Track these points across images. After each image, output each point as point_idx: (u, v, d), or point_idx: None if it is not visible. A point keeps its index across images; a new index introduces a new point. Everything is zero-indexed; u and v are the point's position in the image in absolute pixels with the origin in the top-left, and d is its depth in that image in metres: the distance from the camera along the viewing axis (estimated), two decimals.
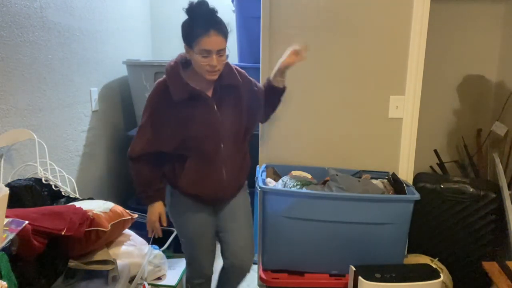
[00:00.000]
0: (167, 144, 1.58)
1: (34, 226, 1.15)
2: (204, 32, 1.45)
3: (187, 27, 1.51)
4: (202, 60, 1.48)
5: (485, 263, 1.89)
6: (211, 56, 1.47)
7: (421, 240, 2.20)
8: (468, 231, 2.15)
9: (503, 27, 2.50)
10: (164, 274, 1.90)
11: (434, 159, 2.58)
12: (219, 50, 1.48)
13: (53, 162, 1.71)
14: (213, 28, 1.45)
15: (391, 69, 2.03)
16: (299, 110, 2.06)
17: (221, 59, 1.50)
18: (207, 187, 1.65)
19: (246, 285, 2.47)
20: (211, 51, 1.46)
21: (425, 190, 2.15)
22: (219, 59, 1.49)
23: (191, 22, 1.50)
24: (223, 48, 1.49)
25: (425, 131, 2.30)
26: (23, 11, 1.64)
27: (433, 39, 2.21)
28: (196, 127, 1.57)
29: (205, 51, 1.46)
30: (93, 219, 1.35)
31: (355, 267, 1.74)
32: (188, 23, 1.51)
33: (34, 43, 1.72)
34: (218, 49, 1.47)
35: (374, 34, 2.01)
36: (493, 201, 2.10)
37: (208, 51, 1.46)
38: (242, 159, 1.74)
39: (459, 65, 2.56)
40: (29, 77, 1.70)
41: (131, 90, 2.47)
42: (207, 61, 1.48)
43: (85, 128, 2.17)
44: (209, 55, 1.47)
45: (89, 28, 2.16)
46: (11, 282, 1.02)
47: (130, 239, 1.66)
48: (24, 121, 1.68)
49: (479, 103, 2.61)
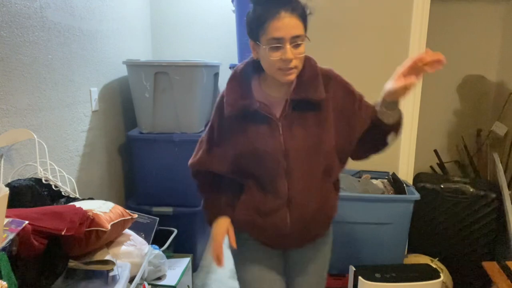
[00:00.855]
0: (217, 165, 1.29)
1: (34, 226, 1.15)
2: (272, 15, 1.08)
3: (251, 16, 1.16)
4: (271, 54, 1.11)
5: (485, 263, 1.90)
6: (284, 46, 1.09)
7: (421, 240, 2.20)
8: (468, 231, 2.16)
9: (503, 27, 2.50)
10: (164, 274, 1.90)
11: (434, 159, 2.58)
12: (294, 38, 1.09)
13: (53, 162, 1.71)
14: (284, 8, 1.08)
15: (391, 69, 2.03)
16: None
17: (297, 51, 1.11)
18: (264, 230, 1.27)
19: None
20: (282, 39, 1.09)
21: (425, 190, 2.15)
22: (294, 50, 1.10)
23: (255, 7, 1.14)
24: (299, 34, 1.10)
25: (425, 131, 2.31)
26: (23, 11, 1.64)
27: (433, 39, 2.21)
28: (249, 152, 1.21)
29: (275, 40, 1.09)
30: (93, 219, 1.35)
31: (355, 267, 1.74)
32: (252, 11, 1.16)
33: (34, 43, 1.72)
34: (293, 35, 1.09)
35: (374, 34, 2.01)
36: (493, 201, 2.11)
37: (279, 39, 1.09)
38: (324, 201, 1.26)
39: (459, 65, 2.57)
40: (29, 77, 1.70)
41: (131, 90, 2.47)
42: (278, 55, 1.10)
43: (85, 128, 2.17)
44: (280, 46, 1.09)
45: (89, 28, 2.16)
46: (11, 282, 1.02)
47: (130, 239, 1.66)
48: (24, 121, 1.68)
49: (479, 103, 2.62)
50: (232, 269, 2.58)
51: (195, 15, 3.08)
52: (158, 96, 2.39)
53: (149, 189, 2.46)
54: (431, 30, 2.03)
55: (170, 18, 3.10)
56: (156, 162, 2.43)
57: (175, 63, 2.36)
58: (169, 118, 2.42)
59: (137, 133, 2.49)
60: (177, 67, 2.33)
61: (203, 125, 2.59)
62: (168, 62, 2.36)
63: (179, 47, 3.13)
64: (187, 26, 3.10)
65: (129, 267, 1.46)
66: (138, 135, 2.47)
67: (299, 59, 1.13)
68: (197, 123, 2.49)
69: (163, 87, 2.37)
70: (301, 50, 1.12)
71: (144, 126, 2.47)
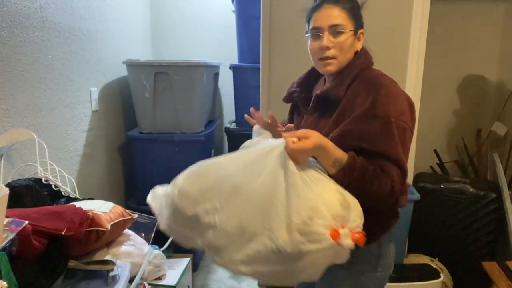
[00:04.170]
0: None
1: (34, 226, 1.15)
2: (316, 8, 1.12)
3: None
4: (311, 43, 1.12)
5: (485, 263, 1.90)
6: (322, 35, 1.09)
7: (421, 240, 2.20)
8: (468, 231, 2.15)
9: (503, 27, 2.50)
10: (164, 274, 1.90)
11: (434, 159, 2.58)
12: (332, 26, 1.08)
13: (53, 162, 1.70)
14: (327, 1, 1.11)
15: (391, 69, 2.02)
16: None
17: (336, 40, 1.09)
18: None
19: (246, 285, 2.48)
20: (320, 28, 1.09)
21: (425, 190, 2.15)
22: (332, 39, 1.09)
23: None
24: (338, 23, 1.08)
25: (425, 131, 2.31)
26: (23, 11, 1.64)
27: (433, 39, 2.21)
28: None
29: (314, 29, 1.11)
30: (93, 219, 1.35)
31: None
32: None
33: (34, 43, 1.72)
34: (330, 24, 1.08)
35: (374, 34, 2.01)
36: (493, 201, 2.11)
37: (318, 28, 1.10)
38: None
39: (459, 65, 2.57)
40: (29, 77, 1.70)
41: (131, 90, 2.47)
42: (317, 44, 1.10)
43: (85, 128, 2.17)
44: (319, 35, 1.10)
45: (89, 28, 2.16)
46: (11, 282, 1.02)
47: (130, 239, 1.66)
48: (24, 121, 1.68)
49: (479, 103, 2.61)
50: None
51: (195, 15, 3.08)
52: (158, 96, 2.39)
53: (149, 189, 2.42)
54: (431, 30, 2.03)
55: (170, 18, 3.10)
56: (156, 162, 2.43)
57: (175, 63, 2.36)
58: (169, 118, 2.42)
59: (137, 133, 2.49)
60: (177, 67, 2.33)
61: (203, 125, 2.59)
62: (168, 62, 2.36)
63: (179, 47, 3.13)
64: (187, 26, 3.10)
65: (129, 267, 1.46)
66: (138, 135, 2.47)
67: (338, 49, 1.10)
68: (197, 123, 2.49)
69: (163, 87, 2.37)
70: (340, 39, 1.09)
71: (144, 126, 2.47)
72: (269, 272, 0.94)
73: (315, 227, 0.89)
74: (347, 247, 0.90)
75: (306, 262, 0.90)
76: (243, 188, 0.95)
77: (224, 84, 3.08)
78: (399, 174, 0.99)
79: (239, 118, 2.80)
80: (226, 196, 0.96)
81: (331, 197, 0.94)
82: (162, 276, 1.89)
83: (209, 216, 0.95)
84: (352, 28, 1.12)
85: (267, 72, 2.09)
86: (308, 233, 0.89)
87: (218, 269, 2.64)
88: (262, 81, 2.12)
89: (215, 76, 2.82)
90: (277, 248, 0.90)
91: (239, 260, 0.94)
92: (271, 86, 2.11)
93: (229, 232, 0.94)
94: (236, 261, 0.94)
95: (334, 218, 0.91)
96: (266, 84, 2.11)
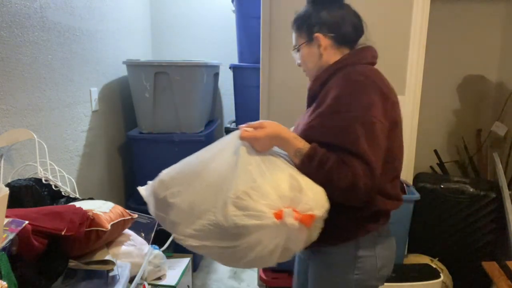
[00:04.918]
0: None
1: (34, 226, 1.15)
2: None
3: None
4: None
5: (485, 263, 1.90)
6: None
7: (421, 240, 2.20)
8: (468, 231, 2.15)
9: (503, 27, 2.50)
10: (164, 274, 1.90)
11: (434, 159, 2.58)
12: (293, 48, 1.29)
13: (53, 162, 1.70)
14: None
15: (391, 69, 2.03)
16: (298, 111, 2.06)
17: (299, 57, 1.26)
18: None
19: (246, 285, 2.48)
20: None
21: (425, 190, 2.15)
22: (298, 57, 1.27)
23: None
24: (293, 44, 1.28)
25: (425, 131, 2.31)
26: (23, 11, 1.64)
27: (433, 39, 2.21)
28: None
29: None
30: (93, 219, 1.35)
31: None
32: None
33: (34, 43, 1.72)
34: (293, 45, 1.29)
35: (374, 34, 2.01)
36: (493, 201, 2.11)
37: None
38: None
39: (459, 65, 2.57)
40: (29, 77, 1.70)
41: (131, 90, 2.47)
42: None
43: (85, 128, 2.17)
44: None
45: (89, 28, 2.16)
46: (11, 282, 1.02)
47: (130, 239, 1.66)
48: (24, 121, 1.68)
49: (479, 103, 2.61)
50: (232, 269, 2.58)
51: (195, 15, 3.08)
52: (158, 96, 2.39)
53: None
54: (431, 30, 2.03)
55: (170, 18, 3.10)
56: (156, 162, 2.42)
57: (175, 63, 2.36)
58: (169, 118, 2.42)
59: (137, 133, 2.49)
60: (177, 67, 2.33)
61: (203, 125, 2.59)
62: (168, 62, 2.36)
63: (179, 47, 3.13)
64: (187, 26, 3.10)
65: (129, 267, 1.46)
66: (138, 135, 2.47)
67: (303, 63, 1.25)
68: (197, 123, 2.49)
69: (163, 87, 2.37)
70: (300, 55, 1.25)
71: (144, 126, 2.47)
72: (217, 248, 1.02)
73: (254, 204, 0.95)
74: (290, 226, 0.94)
75: (250, 240, 0.95)
76: (200, 172, 1.08)
77: (224, 84, 3.08)
78: (365, 170, 0.98)
79: (239, 118, 2.80)
80: (189, 180, 1.09)
81: (282, 181, 1.00)
82: (162, 276, 1.89)
83: (173, 198, 1.09)
84: (303, 41, 1.23)
85: (267, 72, 2.09)
86: (244, 208, 0.95)
87: (218, 269, 2.64)
88: (262, 81, 2.12)
89: (215, 76, 2.82)
90: (216, 222, 0.98)
91: (189, 234, 1.05)
92: (271, 86, 2.11)
93: (182, 210, 1.07)
94: (186, 234, 1.05)
95: (281, 199, 0.96)
96: (266, 84, 2.11)
